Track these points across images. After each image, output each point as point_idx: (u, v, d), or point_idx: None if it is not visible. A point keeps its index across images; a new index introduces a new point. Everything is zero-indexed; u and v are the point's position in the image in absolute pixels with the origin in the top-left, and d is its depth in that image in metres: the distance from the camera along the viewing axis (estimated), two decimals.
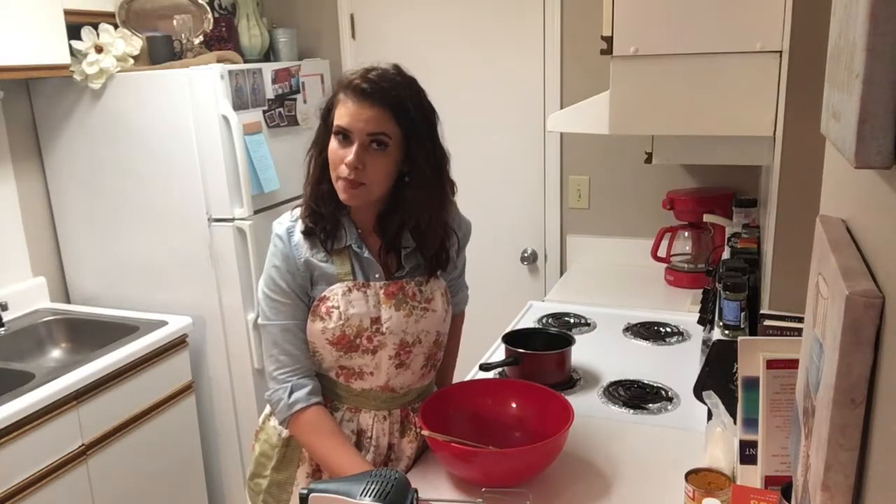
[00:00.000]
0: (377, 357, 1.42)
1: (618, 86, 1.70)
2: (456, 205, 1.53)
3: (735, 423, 1.25)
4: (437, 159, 1.39)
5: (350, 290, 1.39)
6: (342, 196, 1.35)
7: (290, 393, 1.40)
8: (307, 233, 1.40)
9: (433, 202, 1.40)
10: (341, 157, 1.32)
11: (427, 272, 1.45)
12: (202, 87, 2.39)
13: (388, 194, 1.40)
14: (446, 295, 1.50)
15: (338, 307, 1.38)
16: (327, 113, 1.37)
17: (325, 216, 1.40)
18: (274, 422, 1.49)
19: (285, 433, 1.48)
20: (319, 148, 1.39)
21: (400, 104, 1.32)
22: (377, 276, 1.42)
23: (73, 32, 2.41)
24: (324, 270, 1.40)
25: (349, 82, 1.33)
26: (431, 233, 1.43)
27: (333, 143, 1.34)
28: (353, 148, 1.31)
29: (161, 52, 2.56)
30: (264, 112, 2.61)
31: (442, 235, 1.45)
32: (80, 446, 2.09)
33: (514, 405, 1.55)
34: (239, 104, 2.47)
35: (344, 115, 1.31)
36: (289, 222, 1.43)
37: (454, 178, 1.47)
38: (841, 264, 0.55)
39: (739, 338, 1.11)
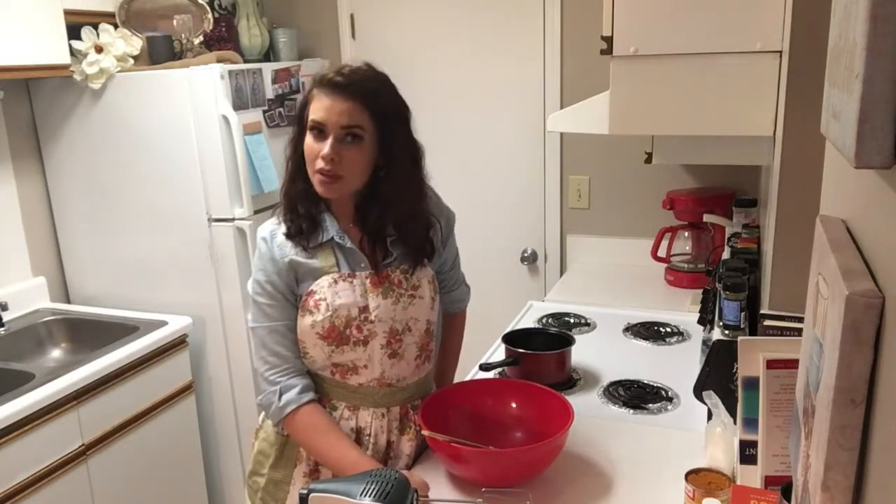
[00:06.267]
0: (369, 348, 1.42)
1: (618, 86, 1.69)
2: (437, 195, 1.55)
3: (735, 423, 1.25)
4: (411, 152, 1.42)
5: (336, 282, 1.40)
6: (319, 189, 1.37)
7: (280, 395, 1.41)
8: (289, 234, 1.42)
9: (410, 194, 1.43)
10: (317, 151, 1.34)
11: (412, 262, 1.47)
12: (202, 87, 2.39)
13: (366, 187, 1.42)
14: (433, 283, 1.51)
15: (325, 299, 1.39)
16: (302, 110, 1.39)
17: (302, 215, 1.42)
18: None
19: (284, 432, 1.48)
20: (294, 146, 1.41)
21: (373, 97, 1.34)
22: (363, 265, 1.43)
23: (73, 32, 2.41)
24: (309, 266, 1.41)
25: (323, 77, 1.35)
26: (412, 224, 1.45)
27: (309, 139, 1.36)
28: (329, 141, 1.33)
29: (161, 52, 2.56)
30: (264, 112, 2.61)
31: (423, 226, 1.47)
32: (80, 446, 2.09)
33: (514, 405, 1.55)
34: (239, 104, 2.46)
35: (318, 109, 1.34)
36: (272, 225, 1.46)
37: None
38: (841, 264, 0.55)
39: (739, 338, 1.11)
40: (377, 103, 1.34)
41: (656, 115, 1.70)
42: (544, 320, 2.29)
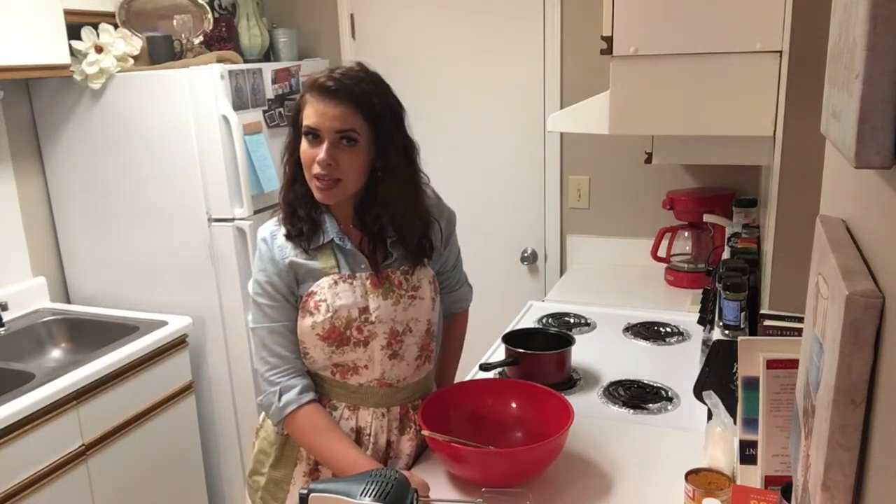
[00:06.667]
0: (369, 349, 1.43)
1: (618, 86, 1.69)
2: (438, 195, 1.55)
3: (735, 423, 1.25)
4: (406, 151, 1.42)
5: (336, 283, 1.41)
6: (318, 195, 1.38)
7: (280, 395, 1.41)
8: (289, 236, 1.42)
9: (407, 194, 1.43)
10: (313, 156, 1.34)
11: (411, 262, 1.47)
12: (202, 87, 2.39)
13: (364, 189, 1.42)
14: (434, 283, 1.51)
15: (325, 300, 1.40)
16: (296, 115, 1.39)
17: (302, 217, 1.42)
18: None
19: (284, 432, 1.48)
20: (291, 150, 1.42)
21: (365, 99, 1.34)
22: (363, 266, 1.43)
23: (73, 32, 2.41)
24: (309, 268, 1.42)
25: (314, 82, 1.35)
26: (410, 224, 1.44)
27: (304, 144, 1.36)
28: (324, 146, 1.33)
29: (161, 52, 2.56)
30: (264, 112, 2.61)
31: (421, 225, 1.46)
32: (80, 446, 2.09)
33: (514, 405, 1.55)
34: (239, 104, 2.47)
35: (311, 114, 1.34)
36: (272, 226, 1.46)
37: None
38: (841, 264, 0.55)
39: (739, 338, 1.11)
40: (370, 105, 1.34)
41: (656, 115, 1.70)
42: (544, 320, 2.29)
